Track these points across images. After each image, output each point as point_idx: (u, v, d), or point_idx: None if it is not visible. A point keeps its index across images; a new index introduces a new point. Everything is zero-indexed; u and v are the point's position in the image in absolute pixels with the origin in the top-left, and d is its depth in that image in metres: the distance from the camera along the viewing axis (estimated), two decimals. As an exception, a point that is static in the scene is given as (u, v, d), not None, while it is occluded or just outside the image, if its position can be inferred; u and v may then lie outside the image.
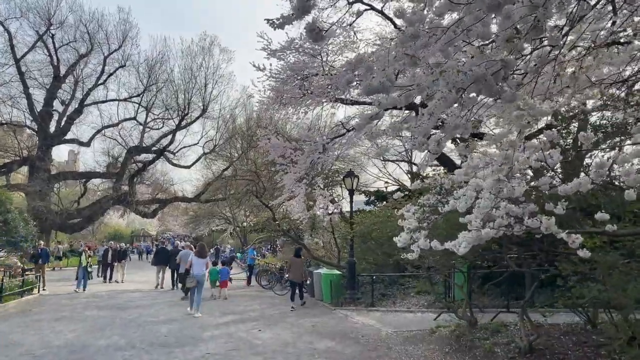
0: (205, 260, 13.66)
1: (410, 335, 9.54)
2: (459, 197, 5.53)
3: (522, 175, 6.11)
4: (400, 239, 6.66)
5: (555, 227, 4.91)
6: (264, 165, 22.76)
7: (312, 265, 18.87)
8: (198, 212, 47.72)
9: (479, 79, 2.90)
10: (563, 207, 5.29)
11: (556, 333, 7.64)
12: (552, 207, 5.59)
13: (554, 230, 4.90)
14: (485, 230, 5.02)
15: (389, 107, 4.20)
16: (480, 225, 5.18)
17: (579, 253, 4.72)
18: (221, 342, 9.37)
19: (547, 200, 5.76)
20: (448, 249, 6.00)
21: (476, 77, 2.89)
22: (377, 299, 14.02)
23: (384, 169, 33.11)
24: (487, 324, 8.66)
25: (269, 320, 11.96)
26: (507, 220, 5.21)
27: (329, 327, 10.84)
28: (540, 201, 5.63)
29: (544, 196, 5.73)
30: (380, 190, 27.15)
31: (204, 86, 36.74)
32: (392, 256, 14.80)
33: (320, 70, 14.66)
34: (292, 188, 15.26)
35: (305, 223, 21.11)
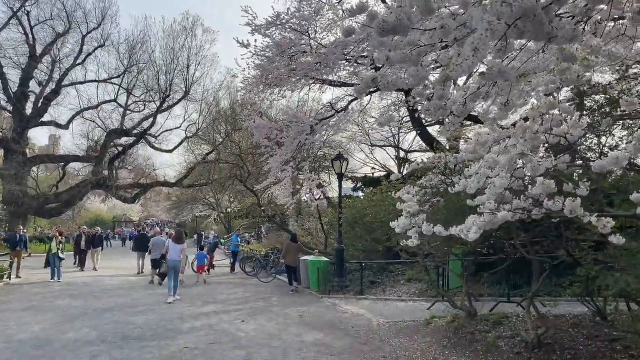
0: (182, 246, 13.18)
1: (404, 326, 8.96)
2: (470, 177, 4.88)
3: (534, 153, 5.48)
4: (399, 224, 6.03)
5: (582, 210, 4.30)
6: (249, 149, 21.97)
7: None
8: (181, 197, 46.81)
9: (528, 12, 2.22)
10: (586, 188, 4.68)
11: (564, 325, 7.10)
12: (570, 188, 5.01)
13: (580, 213, 4.28)
14: (502, 214, 4.38)
15: (396, 64, 3.53)
16: (495, 207, 4.54)
17: (611, 240, 4.11)
18: (201, 334, 8.70)
19: (566, 181, 5.16)
20: (451, 234, 5.40)
21: (525, 9, 2.20)
22: (367, 287, 13.43)
23: (371, 155, 32.53)
24: (487, 315, 8.10)
25: (253, 310, 11.31)
26: (526, 203, 4.59)
27: (317, 317, 10.22)
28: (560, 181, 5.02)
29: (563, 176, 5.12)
30: (368, 176, 26.60)
31: (186, 68, 35.60)
32: (381, 242, 14.26)
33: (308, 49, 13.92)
34: (278, 172, 14.57)
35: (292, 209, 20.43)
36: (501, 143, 4.89)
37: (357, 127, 29.03)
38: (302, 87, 16.93)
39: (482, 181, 4.68)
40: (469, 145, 5.47)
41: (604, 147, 5.67)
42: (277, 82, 14.28)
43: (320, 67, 13.73)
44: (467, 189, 4.86)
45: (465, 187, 4.77)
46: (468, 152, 5.59)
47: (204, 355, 7.31)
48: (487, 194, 4.76)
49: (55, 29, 34.33)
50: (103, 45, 36.03)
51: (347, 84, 16.04)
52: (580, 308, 8.35)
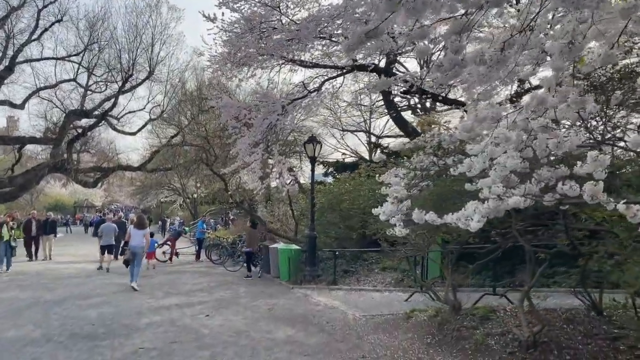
0: (144, 231, 12.89)
1: (382, 320, 8.34)
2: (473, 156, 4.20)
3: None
4: (384, 210, 5.33)
5: (605, 195, 3.68)
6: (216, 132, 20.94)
7: (268, 239, 17.46)
8: (145, 182, 45.13)
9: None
10: (604, 170, 4.06)
11: (557, 321, 6.57)
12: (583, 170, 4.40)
13: (602, 199, 3.66)
14: (515, 199, 3.72)
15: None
16: (503, 192, 3.88)
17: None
18: (161, 331, 7.89)
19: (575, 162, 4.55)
20: (445, 223, 4.75)
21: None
22: (339, 276, 12.80)
23: (342, 140, 31.88)
24: (472, 309, 7.52)
25: (219, 302, 10.51)
26: (538, 186, 3.95)
27: (288, 310, 9.51)
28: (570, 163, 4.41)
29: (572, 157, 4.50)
30: (340, 161, 25.93)
31: (150, 46, 33.80)
32: (355, 229, 13.62)
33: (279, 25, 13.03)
34: (247, 155, 13.67)
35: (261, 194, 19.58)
36: (507, 118, 4.22)
37: (329, 111, 28.31)
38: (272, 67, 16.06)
39: (487, 161, 4.00)
40: (465, 122, 4.79)
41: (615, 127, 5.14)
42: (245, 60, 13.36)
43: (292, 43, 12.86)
44: (470, 170, 4.18)
45: (470, 168, 4.08)
46: (465, 129, 4.91)
47: (162, 357, 6.51)
48: (492, 176, 4.10)
49: (8, 2, 32.12)
50: (60, 20, 33.79)
51: (319, 65, 15.21)
52: (570, 300, 7.88)
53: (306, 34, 12.18)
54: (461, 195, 5.62)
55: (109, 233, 16.47)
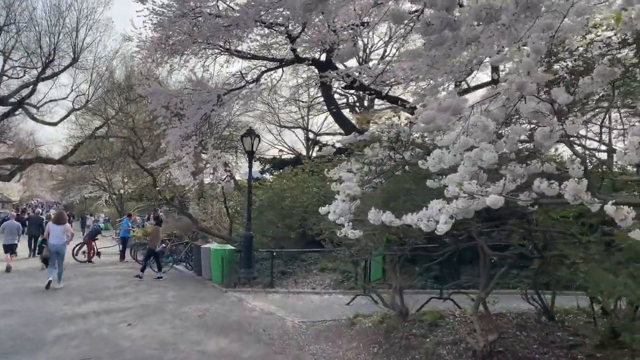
0: (64, 227, 11.87)
1: (324, 327, 7.76)
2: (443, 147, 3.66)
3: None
4: (335, 209, 4.72)
5: (588, 194, 3.25)
6: (145, 123, 19.60)
7: (200, 238, 16.48)
8: (67, 176, 42.25)
9: None
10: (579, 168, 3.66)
11: (509, 327, 6.24)
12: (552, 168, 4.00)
13: (586, 199, 3.23)
14: (492, 198, 3.21)
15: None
16: (476, 189, 3.37)
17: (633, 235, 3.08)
18: (73, 345, 6.89)
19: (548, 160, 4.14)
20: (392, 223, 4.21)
21: None
22: (277, 278, 12.09)
23: (280, 137, 31.21)
24: (420, 315, 7.09)
25: (143, 308, 9.52)
26: (514, 184, 3.48)
27: (221, 317, 8.72)
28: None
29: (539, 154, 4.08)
30: (277, 158, 25.23)
31: (74, 31, 31.47)
32: (294, 228, 13.00)
33: (215, 10, 12.18)
34: (178, 147, 12.67)
35: (193, 191, 18.50)
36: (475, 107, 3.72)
37: (266, 106, 27.54)
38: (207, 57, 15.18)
39: (458, 154, 3.48)
40: (428, 112, 4.27)
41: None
42: (178, 48, 12.37)
43: (230, 30, 12.00)
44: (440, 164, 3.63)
45: (441, 160, 3.53)
46: (425, 120, 4.39)
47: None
48: (462, 171, 3.58)
49: None
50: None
51: (258, 57, 14.46)
52: (516, 303, 7.65)
53: (246, 19, 11.39)
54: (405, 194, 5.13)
55: (12, 231, 15.16)
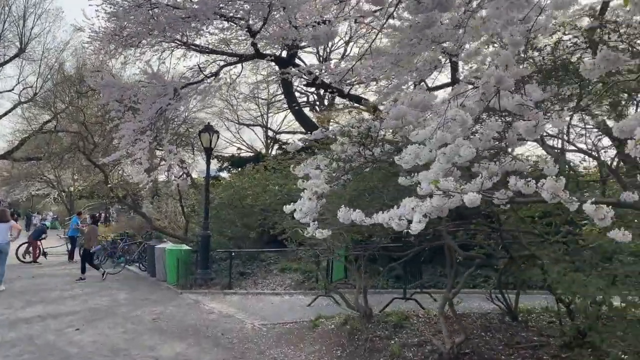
0: (8, 225, 11.23)
1: (285, 330, 7.50)
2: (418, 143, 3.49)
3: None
4: (302, 207, 4.49)
5: (567, 193, 3.15)
6: (97, 117, 18.78)
7: (154, 238, 15.89)
8: (13, 172, 40.22)
9: None
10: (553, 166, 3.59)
11: (473, 328, 6.17)
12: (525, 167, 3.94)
13: (564, 198, 3.13)
14: (470, 197, 3.05)
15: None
16: (453, 187, 3.21)
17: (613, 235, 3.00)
18: (14, 352, 6.38)
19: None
20: (363, 222, 4.02)
21: None
22: (235, 279, 11.73)
23: (238, 134, 30.70)
24: (384, 316, 6.96)
25: (93, 312, 9.00)
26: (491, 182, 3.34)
27: (177, 321, 8.33)
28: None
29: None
30: (236, 156, 24.77)
31: (21, 19, 29.99)
32: (254, 228, 12.69)
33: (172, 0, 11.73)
34: (131, 143, 12.11)
35: (147, 188, 17.87)
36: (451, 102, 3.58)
37: (225, 103, 27.00)
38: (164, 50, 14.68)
39: (435, 149, 3.32)
40: (400, 107, 4.10)
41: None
42: (133, 40, 11.85)
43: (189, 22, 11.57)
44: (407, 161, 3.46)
45: (417, 157, 3.36)
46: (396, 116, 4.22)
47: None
48: (436, 168, 3.43)
49: None
50: None
51: (216, 51, 14.08)
52: (477, 303, 7.67)
53: (205, 11, 11.00)
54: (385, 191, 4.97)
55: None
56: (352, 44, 24.40)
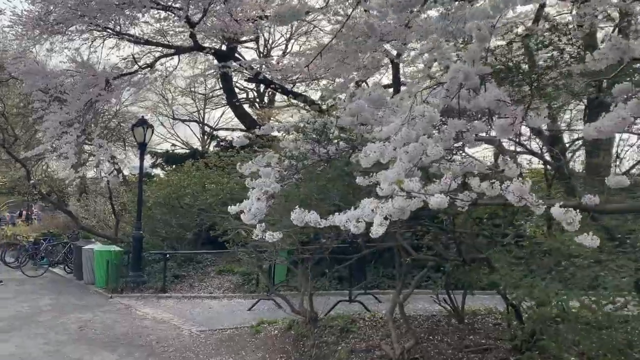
0: None
1: (225, 336, 7.12)
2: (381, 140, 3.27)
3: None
4: (249, 208, 4.15)
5: (533, 196, 3.04)
6: (18, 107, 17.41)
7: (81, 238, 14.90)
8: None
9: None
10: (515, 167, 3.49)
11: (421, 331, 6.07)
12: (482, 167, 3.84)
13: (531, 201, 3.01)
14: (437, 199, 2.86)
15: None
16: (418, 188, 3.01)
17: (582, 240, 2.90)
18: None
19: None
20: (318, 224, 3.77)
21: None
22: (170, 282, 11.12)
23: (173, 130, 29.62)
24: (330, 320, 6.73)
25: (11, 320, 8.18)
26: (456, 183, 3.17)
27: (106, 328, 7.72)
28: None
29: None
30: (170, 152, 23.84)
31: None
32: (190, 228, 12.14)
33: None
34: (57, 136, 11.21)
35: (74, 185, 16.75)
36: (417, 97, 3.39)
37: (160, 97, 25.94)
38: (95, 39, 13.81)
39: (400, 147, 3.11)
40: (358, 102, 3.87)
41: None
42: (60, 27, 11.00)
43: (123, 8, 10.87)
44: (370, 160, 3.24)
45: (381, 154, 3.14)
46: (353, 112, 4.00)
47: None
48: (398, 167, 3.21)
49: None
50: None
51: (152, 42, 13.38)
52: (421, 304, 7.61)
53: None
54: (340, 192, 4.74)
55: None
56: (294, 41, 24.22)
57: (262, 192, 4.08)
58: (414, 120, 3.09)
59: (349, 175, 4.37)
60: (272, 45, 25.66)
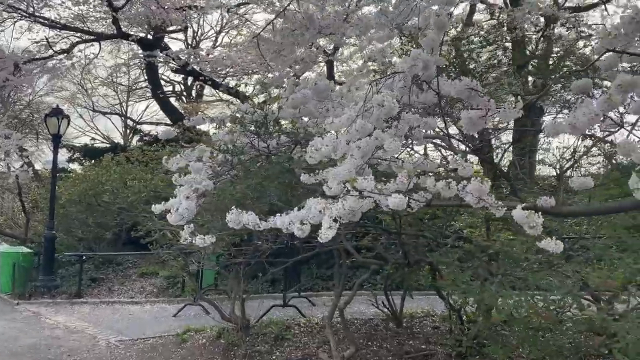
0: None
1: (148, 347, 6.53)
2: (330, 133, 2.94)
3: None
4: (177, 207, 3.69)
5: (493, 196, 2.83)
6: None
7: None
8: None
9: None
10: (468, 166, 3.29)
11: (359, 336, 5.82)
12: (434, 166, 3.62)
13: (490, 202, 2.80)
14: (396, 198, 2.58)
15: None
16: (373, 187, 2.71)
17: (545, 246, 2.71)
18: None
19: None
20: (257, 226, 3.40)
21: None
22: (86, 286, 10.22)
23: (92, 123, 27.89)
24: (263, 327, 6.34)
25: None
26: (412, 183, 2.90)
27: (9, 340, 6.85)
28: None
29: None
30: (89, 146, 22.35)
31: None
32: (110, 228, 11.28)
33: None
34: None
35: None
36: (370, 86, 3.09)
37: (78, 86, 24.22)
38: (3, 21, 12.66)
39: (354, 141, 2.80)
40: (304, 92, 3.53)
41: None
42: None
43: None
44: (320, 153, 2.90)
45: (334, 149, 2.81)
46: (296, 104, 3.64)
47: None
48: (349, 164, 2.90)
49: None
50: None
51: (69, 27, 12.37)
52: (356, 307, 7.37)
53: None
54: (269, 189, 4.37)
55: None
56: (224, 34, 23.44)
57: (192, 189, 3.65)
58: (369, 112, 2.79)
59: (290, 173, 4.02)
60: (202, 38, 24.70)
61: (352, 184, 2.73)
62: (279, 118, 3.88)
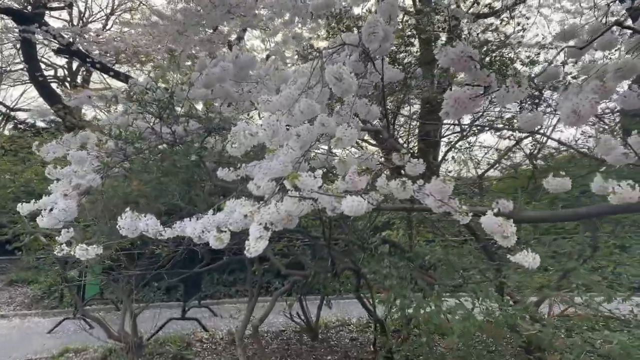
0: None
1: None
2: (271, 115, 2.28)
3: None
4: (53, 207, 2.82)
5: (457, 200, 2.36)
6: None
7: None
8: None
9: None
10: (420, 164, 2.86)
11: (269, 353, 5.18)
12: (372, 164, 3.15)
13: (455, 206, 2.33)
14: (353, 202, 2.00)
15: None
16: (318, 185, 2.11)
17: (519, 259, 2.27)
18: None
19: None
20: (159, 234, 2.67)
21: None
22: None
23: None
24: (160, 344, 5.48)
25: None
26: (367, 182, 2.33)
27: None
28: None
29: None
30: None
31: None
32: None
33: None
34: None
35: None
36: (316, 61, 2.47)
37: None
38: None
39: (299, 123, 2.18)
40: (224, 64, 2.84)
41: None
42: None
43: None
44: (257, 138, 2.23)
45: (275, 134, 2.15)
46: (209, 82, 2.94)
47: None
48: (285, 157, 2.27)
49: None
50: None
51: None
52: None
53: None
54: (170, 186, 3.62)
55: None
56: (115, 17, 21.49)
57: (73, 185, 2.80)
58: (312, 90, 2.18)
59: (198, 167, 3.29)
60: (90, 20, 22.51)
61: (293, 181, 2.11)
62: (188, 98, 3.14)
